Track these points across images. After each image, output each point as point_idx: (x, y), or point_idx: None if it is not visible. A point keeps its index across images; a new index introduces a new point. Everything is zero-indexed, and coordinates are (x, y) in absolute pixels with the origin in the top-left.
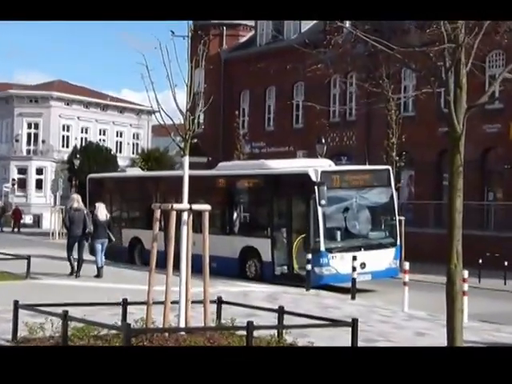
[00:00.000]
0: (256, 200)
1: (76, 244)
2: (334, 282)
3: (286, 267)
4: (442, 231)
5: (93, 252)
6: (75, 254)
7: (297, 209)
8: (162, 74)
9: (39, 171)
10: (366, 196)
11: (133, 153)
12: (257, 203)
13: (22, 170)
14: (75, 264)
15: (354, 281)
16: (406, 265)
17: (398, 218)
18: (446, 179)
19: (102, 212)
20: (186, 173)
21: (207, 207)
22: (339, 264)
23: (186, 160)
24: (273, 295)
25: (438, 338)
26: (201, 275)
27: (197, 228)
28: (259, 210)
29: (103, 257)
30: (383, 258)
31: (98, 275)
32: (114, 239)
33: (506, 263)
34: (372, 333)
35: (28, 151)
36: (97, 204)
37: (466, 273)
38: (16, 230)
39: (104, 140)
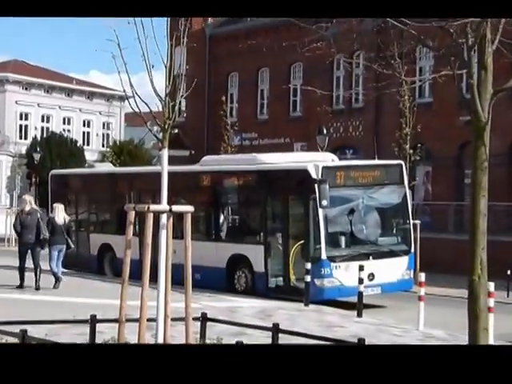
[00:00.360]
0: (246, 200)
1: (30, 252)
2: (337, 296)
3: (281, 278)
4: (463, 237)
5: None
6: (31, 264)
7: (294, 210)
8: (136, 54)
9: None
10: (374, 196)
11: (103, 145)
12: (247, 204)
13: None
14: (33, 276)
15: (360, 294)
16: (422, 276)
17: (412, 221)
18: (469, 176)
19: (59, 214)
20: (165, 168)
21: (190, 209)
22: (343, 275)
23: (165, 153)
24: (266, 311)
25: None
26: (182, 288)
27: (177, 233)
28: (250, 211)
29: (60, 266)
30: (395, 268)
31: (55, 286)
32: (72, 246)
33: None
34: None
35: None
36: (55, 205)
37: (491, 285)
38: None
39: (69, 130)
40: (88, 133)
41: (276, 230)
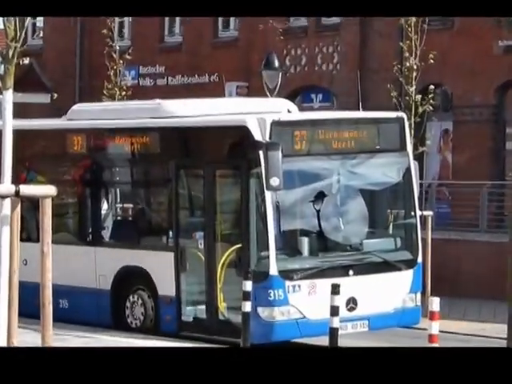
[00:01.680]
0: (146, 177)
1: None
2: (296, 336)
3: (202, 307)
4: (502, 238)
5: None
6: None
7: (225, 195)
8: None
9: None
10: (358, 170)
11: None
12: (147, 183)
13: None
14: None
15: (334, 333)
16: (435, 302)
17: (419, 212)
18: None
19: None
20: (9, 124)
21: (50, 191)
22: (306, 301)
23: (9, 98)
24: None
25: None
26: (37, 322)
27: (31, 232)
28: (152, 196)
29: None
30: (391, 290)
31: None
32: None
33: None
34: None
35: None
36: None
37: None
38: None
39: None
40: None
41: (194, 227)
